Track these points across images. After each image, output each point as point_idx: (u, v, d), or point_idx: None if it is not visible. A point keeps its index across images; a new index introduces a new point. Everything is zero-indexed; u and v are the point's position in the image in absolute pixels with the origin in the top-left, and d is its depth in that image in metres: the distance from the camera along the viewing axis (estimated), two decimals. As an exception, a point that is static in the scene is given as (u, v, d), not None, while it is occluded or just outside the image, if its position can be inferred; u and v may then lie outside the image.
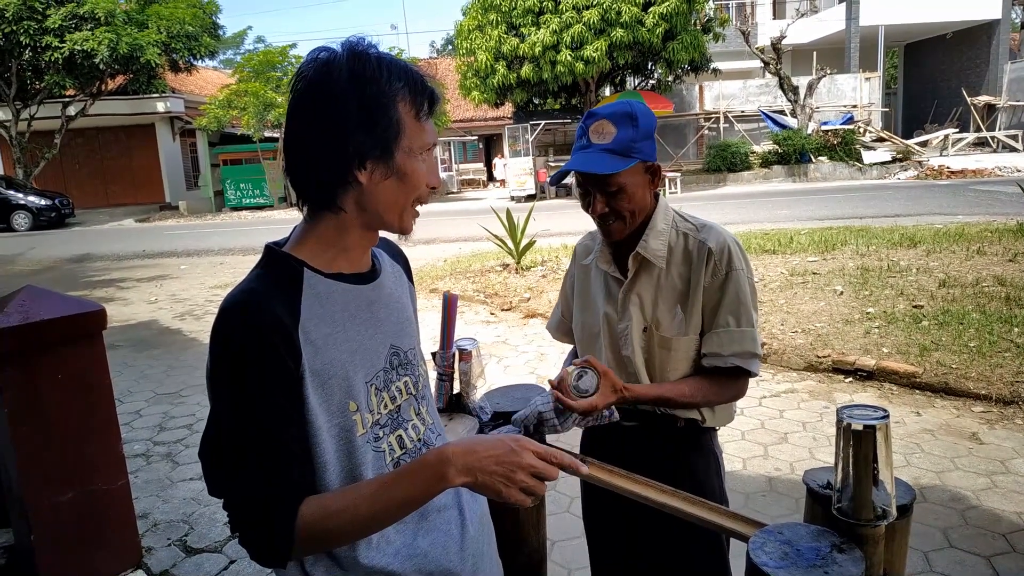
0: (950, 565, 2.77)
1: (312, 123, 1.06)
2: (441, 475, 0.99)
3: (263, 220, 20.63)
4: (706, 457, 1.72)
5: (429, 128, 1.11)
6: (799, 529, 1.04)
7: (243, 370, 0.99)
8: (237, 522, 1.01)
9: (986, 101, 24.77)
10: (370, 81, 1.04)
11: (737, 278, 1.59)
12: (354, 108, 1.04)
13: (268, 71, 22.27)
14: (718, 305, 1.59)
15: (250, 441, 0.99)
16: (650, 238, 1.62)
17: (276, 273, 1.07)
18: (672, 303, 1.63)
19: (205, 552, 3.17)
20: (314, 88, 1.05)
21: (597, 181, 1.55)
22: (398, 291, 1.24)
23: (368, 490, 1.02)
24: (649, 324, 1.64)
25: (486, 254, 10.34)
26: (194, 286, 10.24)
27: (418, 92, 1.09)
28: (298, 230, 1.14)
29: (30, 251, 15.76)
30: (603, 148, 1.52)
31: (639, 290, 1.65)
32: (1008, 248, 7.95)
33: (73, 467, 2.77)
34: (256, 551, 1.01)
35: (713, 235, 1.62)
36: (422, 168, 1.10)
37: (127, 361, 6.37)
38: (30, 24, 19.11)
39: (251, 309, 1.01)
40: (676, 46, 19.37)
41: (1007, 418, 4.06)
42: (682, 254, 1.63)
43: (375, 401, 1.11)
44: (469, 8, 20.75)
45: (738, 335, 1.57)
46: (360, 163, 1.05)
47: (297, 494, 1.01)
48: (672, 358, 1.63)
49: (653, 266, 1.63)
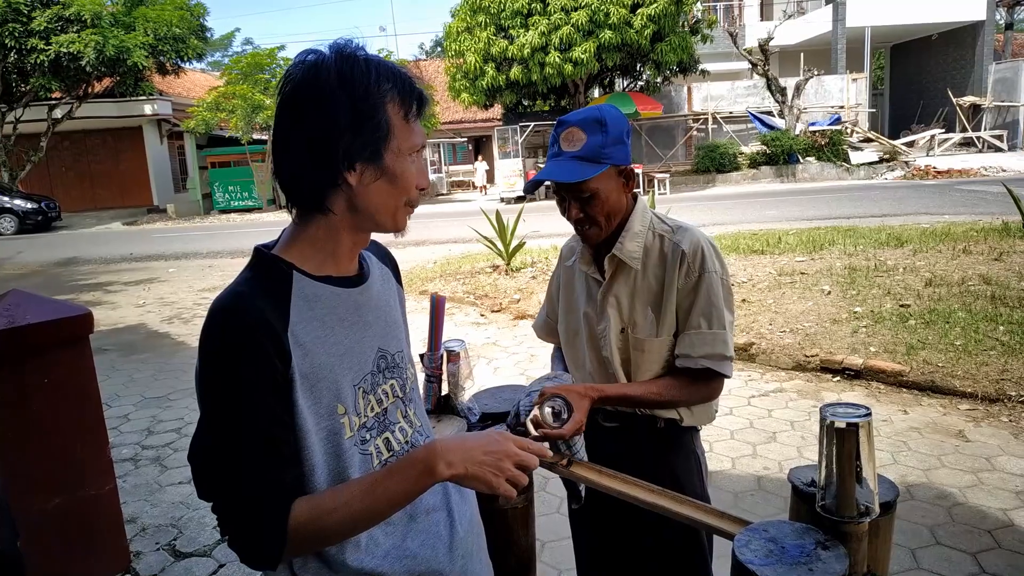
0: (937, 562, 2.79)
1: (300, 125, 1.06)
2: (430, 469, 1.01)
3: (252, 223, 20.54)
4: (687, 457, 1.73)
5: (418, 129, 1.12)
6: (784, 527, 1.05)
7: (233, 372, 0.99)
8: (227, 524, 1.01)
9: (971, 101, 24.99)
10: (358, 83, 1.04)
11: (710, 280, 1.60)
12: (342, 110, 1.03)
13: (256, 73, 22.20)
14: (691, 307, 1.61)
15: (240, 443, 0.99)
16: (626, 240, 1.64)
17: (265, 275, 1.07)
18: (649, 304, 1.64)
19: (194, 556, 3.16)
20: (302, 90, 1.05)
21: (570, 188, 1.57)
22: (386, 294, 1.24)
23: (360, 487, 1.03)
24: (626, 325, 1.66)
25: (476, 256, 10.33)
26: (182, 289, 10.19)
27: (407, 94, 1.09)
28: (287, 232, 1.14)
29: (16, 255, 15.63)
30: (573, 155, 1.54)
31: (616, 291, 1.67)
32: (993, 247, 8.02)
33: (60, 472, 2.75)
34: (246, 553, 1.01)
35: (687, 237, 1.63)
36: (412, 169, 1.11)
37: (115, 365, 6.33)
38: (15, 26, 18.96)
39: (240, 311, 1.01)
40: (664, 48, 19.45)
41: (993, 416, 4.10)
42: (658, 256, 1.64)
43: (362, 404, 1.12)
44: (458, 10, 20.75)
45: (710, 337, 1.58)
46: (349, 165, 1.05)
47: (287, 496, 1.01)
48: (646, 359, 1.65)
49: (629, 268, 1.65)
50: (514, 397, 1.73)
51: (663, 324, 1.63)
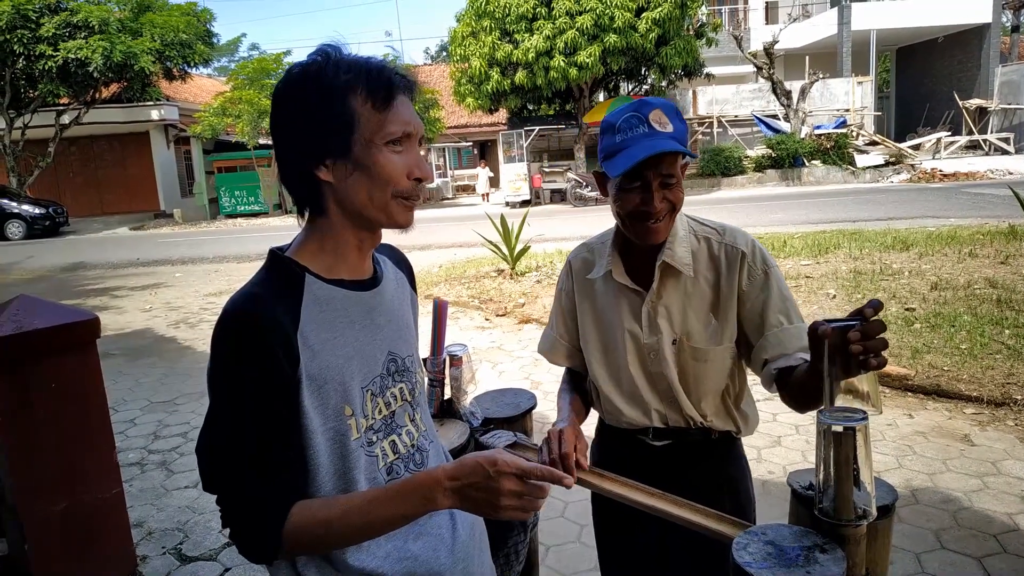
0: (942, 566, 2.78)
1: (275, 127, 1.09)
2: (430, 498, 1.02)
3: (258, 227, 20.62)
4: (740, 465, 1.70)
5: (394, 117, 1.07)
6: (782, 530, 1.06)
7: (240, 372, 1.01)
8: (228, 518, 1.03)
9: (978, 104, 24.92)
10: (312, 78, 1.05)
11: (776, 275, 1.52)
12: (300, 107, 1.06)
13: (262, 78, 22.34)
14: (764, 307, 1.50)
15: (245, 442, 1.01)
16: (675, 246, 1.52)
17: (278, 277, 1.09)
18: (703, 312, 1.54)
19: (200, 560, 3.17)
20: (274, 94, 1.09)
21: (661, 171, 1.42)
22: (399, 298, 1.25)
23: (358, 502, 1.04)
24: (679, 336, 1.54)
25: (481, 260, 10.35)
26: (189, 294, 10.23)
27: (373, 81, 1.06)
28: (299, 235, 1.15)
29: (24, 260, 15.72)
30: (670, 136, 1.41)
31: (666, 301, 1.54)
32: (999, 250, 8.00)
33: (67, 476, 2.77)
34: (244, 547, 1.04)
35: (739, 237, 1.55)
36: (392, 160, 1.07)
37: (121, 370, 6.36)
38: (24, 33, 19.10)
39: (252, 313, 1.03)
40: (669, 51, 19.49)
41: (998, 420, 4.08)
42: (707, 259, 1.54)
43: (370, 407, 1.13)
44: (463, 14, 20.84)
45: (795, 331, 1.49)
46: (317, 161, 1.07)
47: (288, 496, 1.03)
48: (708, 369, 1.55)
49: (679, 275, 1.53)
50: (516, 401, 1.73)
51: (725, 331, 1.54)
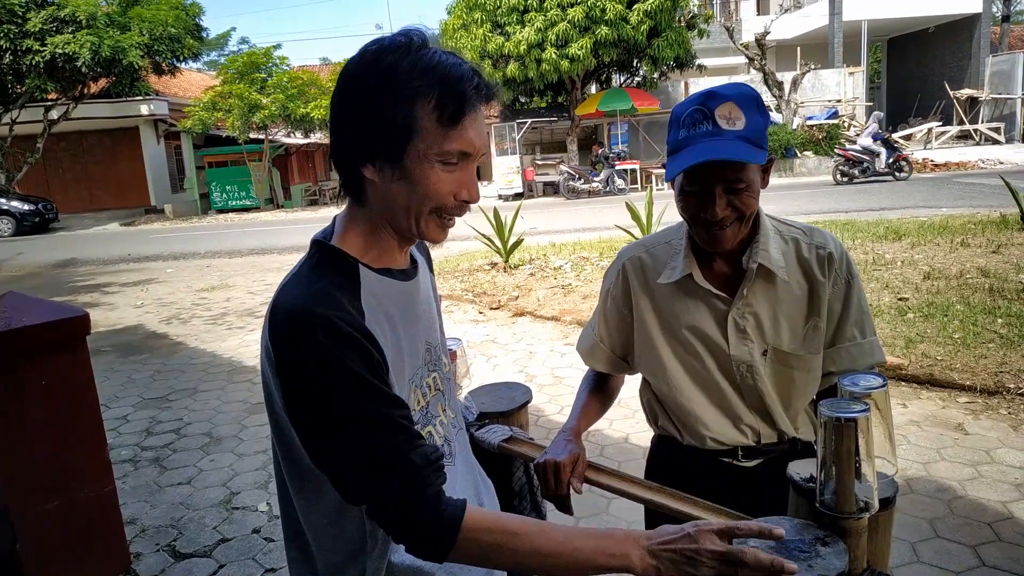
0: (936, 555, 2.79)
1: (334, 111, 1.04)
2: (625, 553, 0.96)
3: (249, 222, 20.51)
4: None
5: (457, 136, 1.00)
6: (783, 523, 1.04)
7: (352, 370, 0.95)
8: (393, 520, 0.99)
9: (968, 94, 25.01)
10: (385, 75, 0.98)
11: (858, 286, 1.44)
12: (362, 100, 1.00)
13: (252, 72, 22.21)
14: (842, 317, 1.43)
15: (388, 437, 0.97)
16: (768, 246, 1.40)
17: (334, 270, 1.04)
18: (798, 318, 1.43)
19: (194, 557, 3.15)
20: (342, 76, 1.03)
21: (726, 176, 1.29)
22: (428, 286, 1.23)
23: (555, 529, 0.99)
24: (769, 344, 1.43)
25: (474, 253, 10.33)
26: (180, 290, 10.18)
27: (446, 93, 0.98)
28: (338, 223, 1.10)
29: (14, 257, 15.60)
30: (739, 135, 1.27)
31: (756, 307, 1.42)
32: (991, 240, 8.03)
33: (59, 474, 2.75)
34: (423, 542, 0.99)
35: (828, 240, 1.45)
36: (441, 177, 1.01)
37: (113, 366, 6.32)
38: (10, 28, 18.89)
39: (328, 309, 0.97)
40: (661, 43, 19.46)
41: (992, 408, 4.10)
42: (796, 262, 1.43)
43: (412, 398, 1.10)
44: (454, 7, 20.76)
45: (868, 347, 1.43)
46: (366, 159, 1.02)
47: (439, 469, 1.01)
48: (805, 379, 1.45)
49: (771, 277, 1.40)
50: (510, 395, 1.71)
51: (820, 338, 1.44)
